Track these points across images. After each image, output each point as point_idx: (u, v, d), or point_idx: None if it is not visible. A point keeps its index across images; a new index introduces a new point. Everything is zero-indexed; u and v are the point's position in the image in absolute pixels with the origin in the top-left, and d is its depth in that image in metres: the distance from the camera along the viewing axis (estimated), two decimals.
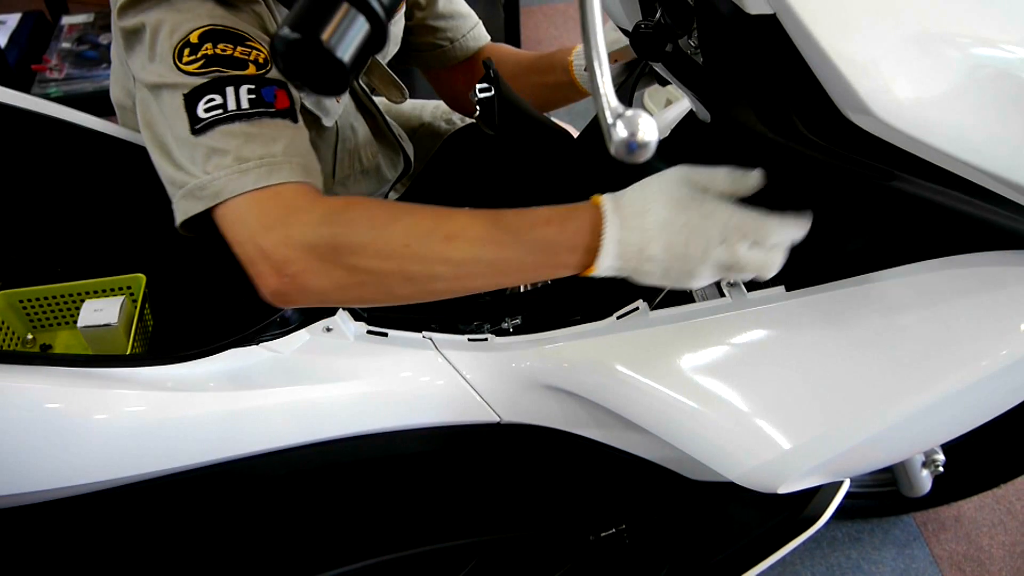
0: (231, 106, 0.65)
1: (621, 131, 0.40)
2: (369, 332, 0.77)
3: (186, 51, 0.66)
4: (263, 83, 0.67)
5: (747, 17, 0.55)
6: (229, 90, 0.65)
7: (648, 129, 0.40)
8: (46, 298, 1.00)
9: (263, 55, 0.69)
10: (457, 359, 0.77)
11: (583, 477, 0.91)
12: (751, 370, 0.72)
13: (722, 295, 0.73)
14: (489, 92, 0.77)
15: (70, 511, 0.73)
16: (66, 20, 2.22)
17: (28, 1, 2.31)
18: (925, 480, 1.16)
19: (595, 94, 0.43)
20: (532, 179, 0.79)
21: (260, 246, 0.61)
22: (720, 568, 0.92)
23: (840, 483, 0.88)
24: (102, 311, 0.94)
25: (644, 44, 0.67)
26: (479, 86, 0.78)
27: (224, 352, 0.75)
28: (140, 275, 0.96)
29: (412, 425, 0.79)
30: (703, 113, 0.74)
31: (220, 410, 0.72)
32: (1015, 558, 1.35)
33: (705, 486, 0.88)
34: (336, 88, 0.44)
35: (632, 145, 0.40)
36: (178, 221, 0.67)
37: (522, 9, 2.38)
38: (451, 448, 0.83)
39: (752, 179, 0.61)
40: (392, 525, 0.90)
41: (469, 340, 0.79)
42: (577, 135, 0.89)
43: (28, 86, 2.02)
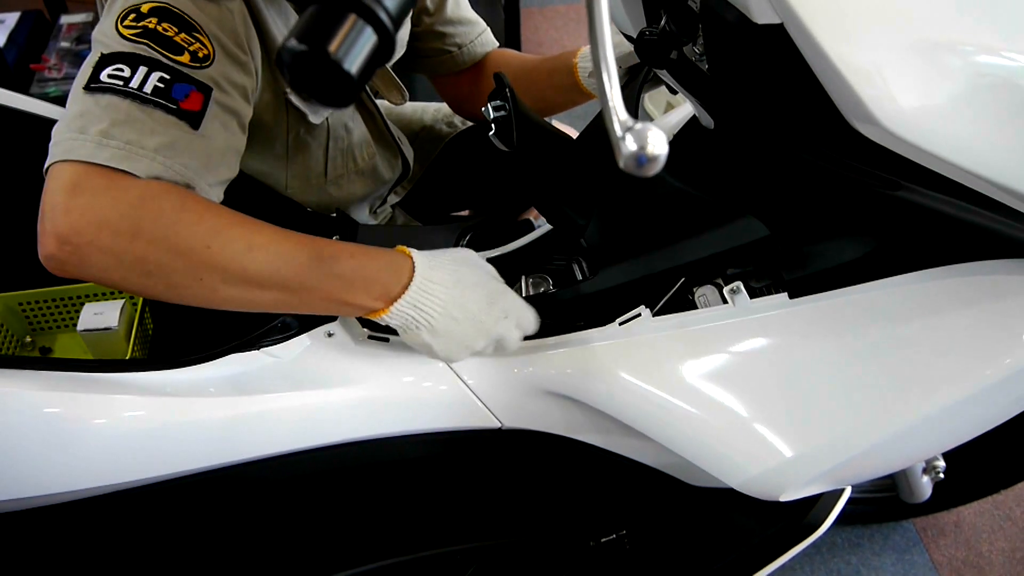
0: (133, 84, 0.62)
1: (631, 145, 0.40)
2: (371, 337, 0.77)
3: (131, 16, 0.65)
4: (182, 78, 0.64)
5: (753, 26, 0.55)
6: (142, 69, 0.63)
7: (658, 142, 0.40)
8: (46, 301, 1.00)
9: (206, 52, 0.66)
10: (458, 365, 0.77)
11: (584, 483, 0.91)
12: (754, 377, 0.72)
13: (725, 302, 0.73)
14: (504, 111, 0.76)
15: (70, 516, 0.73)
16: (65, 19, 2.21)
17: (27, 0, 2.31)
18: (925, 486, 1.16)
19: (604, 106, 0.42)
20: (544, 188, 0.78)
21: (60, 206, 0.58)
22: (720, 575, 0.92)
23: (841, 490, 0.88)
24: (102, 314, 0.94)
25: (649, 51, 0.67)
26: (492, 104, 0.77)
27: (225, 357, 0.75)
28: None
29: (413, 430, 0.78)
30: (707, 120, 0.74)
31: (221, 415, 0.72)
32: (1014, 564, 1.35)
33: (706, 493, 0.88)
34: (344, 100, 0.43)
35: (642, 159, 0.40)
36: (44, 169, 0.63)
37: (522, 11, 2.38)
38: (452, 453, 0.83)
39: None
40: (392, 530, 0.90)
41: None
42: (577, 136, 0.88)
43: (27, 85, 2.00)
